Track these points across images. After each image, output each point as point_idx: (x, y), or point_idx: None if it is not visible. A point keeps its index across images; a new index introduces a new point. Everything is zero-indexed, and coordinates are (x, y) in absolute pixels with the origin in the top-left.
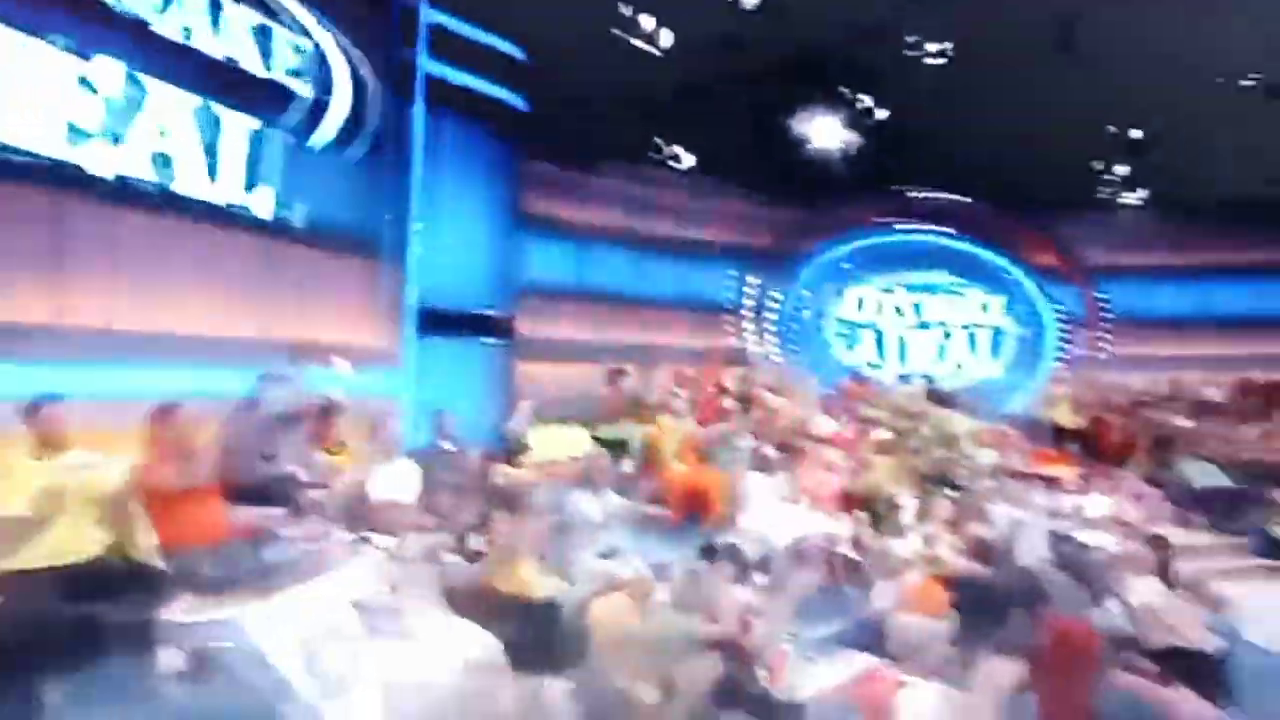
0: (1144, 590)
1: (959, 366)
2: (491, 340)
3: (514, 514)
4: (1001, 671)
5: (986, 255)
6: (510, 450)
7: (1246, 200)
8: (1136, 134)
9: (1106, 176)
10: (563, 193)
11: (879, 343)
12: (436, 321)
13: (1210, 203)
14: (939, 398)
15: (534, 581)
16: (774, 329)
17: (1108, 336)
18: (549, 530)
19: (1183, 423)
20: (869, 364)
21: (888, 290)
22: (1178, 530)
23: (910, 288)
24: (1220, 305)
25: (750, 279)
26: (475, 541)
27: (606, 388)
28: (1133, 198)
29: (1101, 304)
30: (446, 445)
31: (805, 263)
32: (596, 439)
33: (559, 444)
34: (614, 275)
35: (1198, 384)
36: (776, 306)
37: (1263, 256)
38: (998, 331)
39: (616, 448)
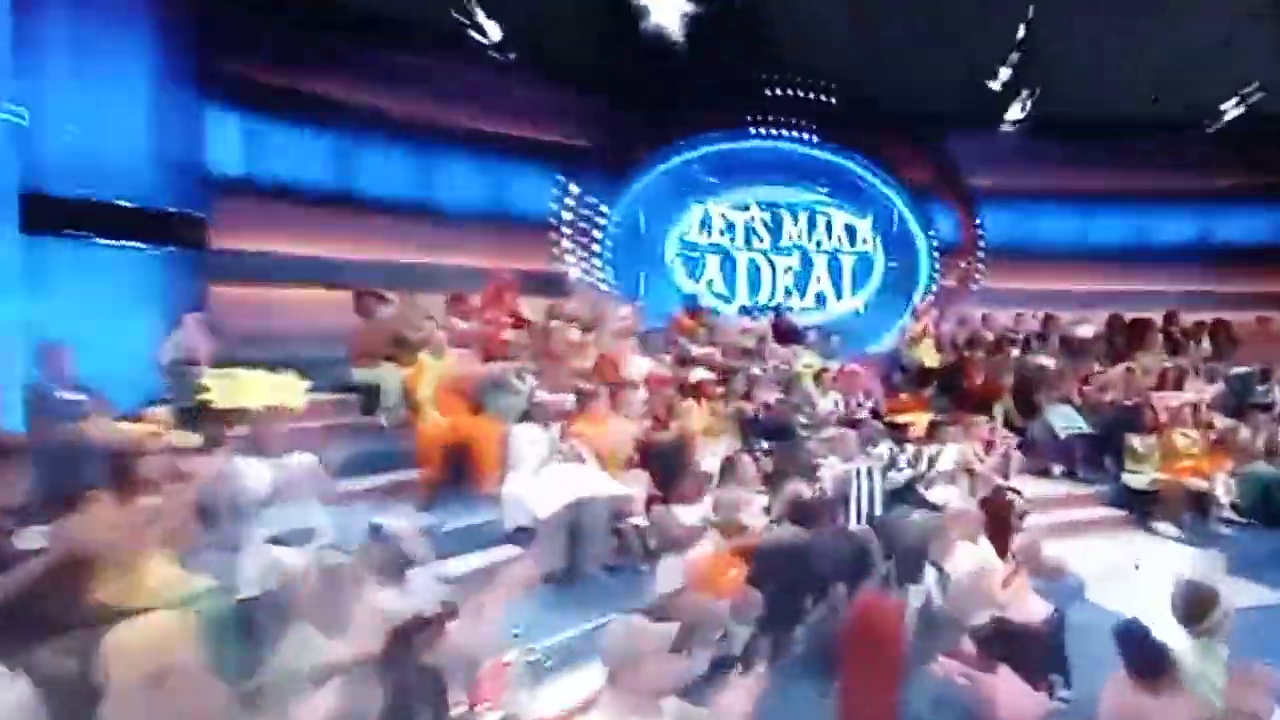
0: (969, 558)
1: (819, 298)
2: (165, 249)
3: (124, 489)
4: (742, 694)
5: (854, 169)
6: (168, 399)
7: (1127, 120)
8: (1021, 39)
9: (990, 89)
10: (311, 66)
11: (728, 268)
12: (63, 218)
13: (1094, 124)
14: (784, 333)
15: (160, 582)
16: (599, 249)
17: (981, 267)
18: (189, 510)
19: (1048, 362)
20: (714, 293)
21: (740, 207)
22: (1036, 481)
23: (766, 205)
24: (1099, 236)
25: (572, 188)
26: (30, 536)
27: (358, 318)
28: (1015, 114)
29: (979, 231)
30: (63, 392)
31: (641, 170)
32: (347, 385)
33: (256, 391)
34: (387, 176)
35: (1071, 321)
36: (603, 222)
37: (1148, 184)
38: (864, 258)
39: (369, 394)
